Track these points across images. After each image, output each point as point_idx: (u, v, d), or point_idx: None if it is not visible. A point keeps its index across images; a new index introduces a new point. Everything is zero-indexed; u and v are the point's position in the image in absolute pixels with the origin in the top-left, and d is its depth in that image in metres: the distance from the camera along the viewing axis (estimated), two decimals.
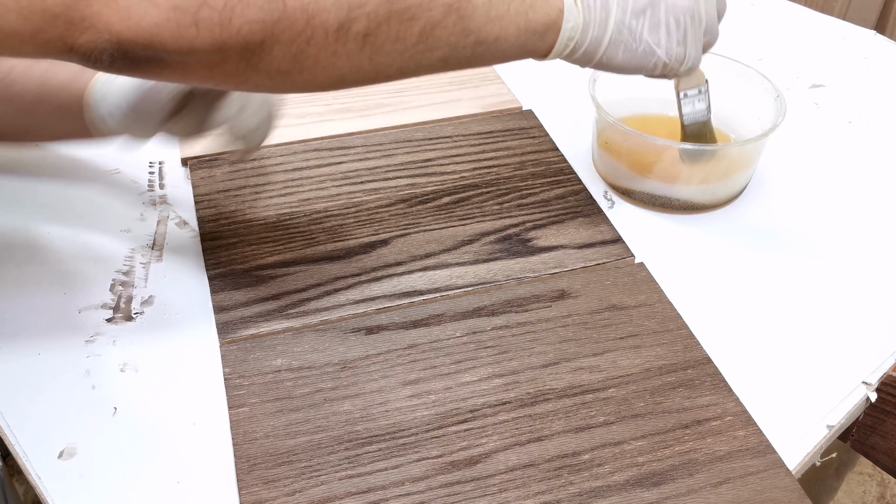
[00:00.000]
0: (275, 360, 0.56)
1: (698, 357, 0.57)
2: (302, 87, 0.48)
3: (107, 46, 0.41)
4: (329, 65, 0.46)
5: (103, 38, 0.41)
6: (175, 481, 0.50)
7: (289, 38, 0.44)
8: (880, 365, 0.58)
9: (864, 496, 1.31)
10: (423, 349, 0.57)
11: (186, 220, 0.69)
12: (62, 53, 0.42)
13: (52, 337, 0.58)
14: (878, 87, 0.88)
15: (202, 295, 0.61)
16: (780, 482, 0.49)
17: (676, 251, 0.67)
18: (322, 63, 0.46)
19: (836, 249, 0.67)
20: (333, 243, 0.65)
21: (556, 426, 0.52)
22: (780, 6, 1.03)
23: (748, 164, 0.70)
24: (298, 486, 0.49)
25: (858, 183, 0.74)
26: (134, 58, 0.43)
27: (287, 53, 0.45)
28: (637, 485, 0.49)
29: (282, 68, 0.45)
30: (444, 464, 0.50)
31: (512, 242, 0.66)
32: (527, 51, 0.55)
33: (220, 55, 0.43)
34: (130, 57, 0.42)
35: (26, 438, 0.52)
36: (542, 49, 0.55)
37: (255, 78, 0.46)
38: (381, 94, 0.83)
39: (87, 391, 0.55)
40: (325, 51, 0.45)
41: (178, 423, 0.53)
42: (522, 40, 0.53)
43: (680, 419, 0.53)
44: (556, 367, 0.56)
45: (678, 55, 0.56)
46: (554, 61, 0.57)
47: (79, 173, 0.73)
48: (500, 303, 0.60)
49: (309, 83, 0.48)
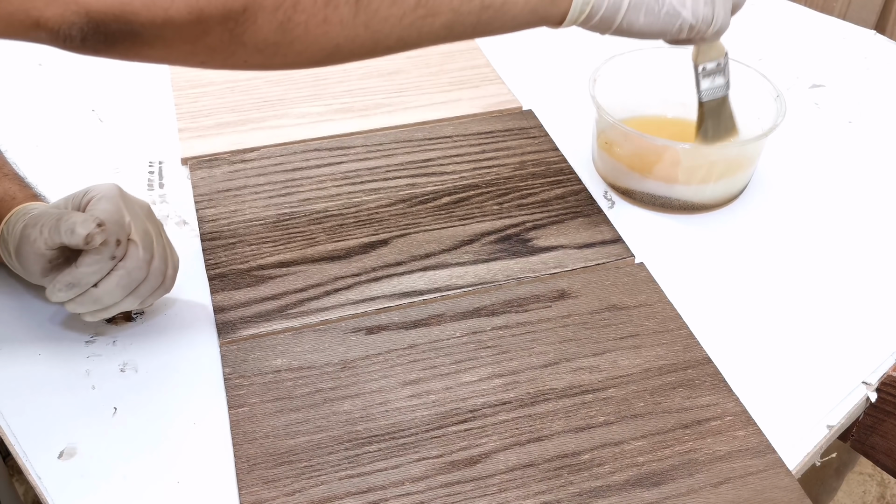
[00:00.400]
0: (275, 360, 0.56)
1: (698, 357, 0.57)
2: (294, 62, 0.45)
3: (76, 20, 0.39)
4: (321, 34, 0.43)
5: (70, 10, 0.38)
6: (175, 481, 0.50)
7: (273, 3, 0.41)
8: (880, 365, 0.58)
9: (864, 496, 1.31)
10: (423, 349, 0.57)
11: (186, 220, 0.69)
12: (31, 30, 0.39)
13: (53, 337, 0.58)
14: (878, 87, 0.88)
15: (202, 295, 0.61)
16: (780, 482, 0.49)
17: (676, 251, 0.67)
18: (313, 32, 0.43)
19: (836, 249, 0.67)
20: (333, 243, 0.65)
21: (556, 426, 0.52)
22: (780, 6, 1.03)
23: (748, 164, 0.70)
24: (298, 486, 0.49)
25: (858, 183, 0.74)
26: (107, 32, 0.40)
27: (273, 22, 0.41)
28: (637, 485, 0.49)
29: (269, 39, 0.42)
30: (444, 464, 0.50)
31: (512, 242, 0.66)
32: (539, 17, 0.50)
33: (200, 26, 0.40)
34: (103, 31, 0.40)
35: (26, 438, 0.52)
36: (555, 15, 0.51)
37: (242, 52, 0.42)
38: (381, 94, 0.83)
39: (87, 391, 0.55)
40: (315, 17, 0.42)
41: (178, 423, 0.53)
42: (534, 4, 0.49)
43: (680, 419, 0.53)
44: (556, 367, 0.56)
45: (705, 16, 0.52)
46: (569, 30, 0.53)
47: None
48: (500, 303, 0.60)
49: (301, 56, 0.44)
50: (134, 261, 0.53)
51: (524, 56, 0.91)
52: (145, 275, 0.54)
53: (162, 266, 0.55)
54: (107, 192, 0.54)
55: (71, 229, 0.50)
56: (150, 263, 0.54)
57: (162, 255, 0.56)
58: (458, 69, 0.87)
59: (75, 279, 0.52)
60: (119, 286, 0.53)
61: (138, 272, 0.53)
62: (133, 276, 0.53)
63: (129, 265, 0.53)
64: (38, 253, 0.52)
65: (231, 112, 0.80)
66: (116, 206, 0.53)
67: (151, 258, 0.54)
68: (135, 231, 0.54)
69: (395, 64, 0.88)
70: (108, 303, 0.53)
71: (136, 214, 0.55)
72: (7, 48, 0.93)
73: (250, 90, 0.83)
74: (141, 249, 0.53)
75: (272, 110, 0.80)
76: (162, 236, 0.57)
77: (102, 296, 0.53)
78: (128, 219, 0.53)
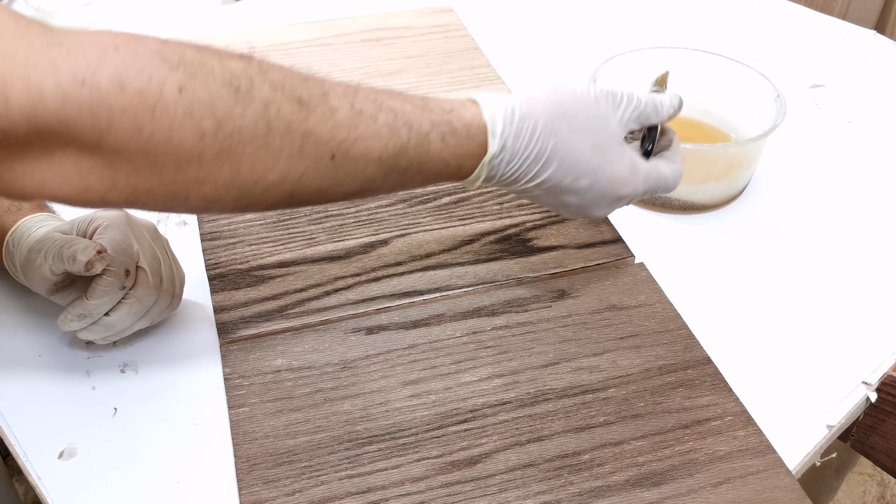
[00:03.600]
0: (275, 360, 0.56)
1: (698, 357, 0.57)
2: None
3: None
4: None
5: None
6: (175, 481, 0.50)
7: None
8: (880, 365, 0.58)
9: (864, 496, 1.31)
10: (423, 349, 0.57)
11: (186, 221, 0.69)
12: None
13: (53, 338, 0.58)
14: (878, 87, 0.88)
15: (202, 295, 0.61)
16: (780, 482, 0.49)
17: (676, 251, 0.67)
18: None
19: (836, 249, 0.67)
20: (333, 243, 0.65)
21: (556, 426, 0.52)
22: (780, 6, 1.03)
23: (748, 164, 0.70)
24: (298, 486, 0.49)
25: (858, 183, 0.74)
26: None
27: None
28: (637, 485, 0.49)
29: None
30: (444, 464, 0.50)
31: (512, 242, 0.66)
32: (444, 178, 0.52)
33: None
34: None
35: (26, 438, 0.52)
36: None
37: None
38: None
39: (87, 392, 0.55)
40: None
41: (178, 423, 0.53)
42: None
43: (680, 419, 0.53)
44: (556, 367, 0.56)
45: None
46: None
47: None
48: (500, 303, 0.60)
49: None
50: (144, 288, 0.54)
51: (524, 56, 0.91)
52: (155, 299, 0.55)
53: (170, 287, 0.56)
54: (113, 220, 0.54)
55: (73, 257, 0.51)
56: (160, 287, 0.55)
57: (170, 277, 0.56)
58: (458, 69, 0.87)
59: (87, 310, 0.52)
60: (130, 314, 0.54)
61: (148, 298, 0.54)
62: (144, 302, 0.54)
63: (139, 293, 0.54)
64: (43, 277, 0.53)
65: None
66: (124, 235, 0.54)
67: (161, 281, 0.55)
68: (143, 258, 0.54)
69: (395, 64, 0.88)
70: (120, 328, 0.54)
71: (143, 239, 0.55)
72: None
73: None
74: (150, 276, 0.54)
75: None
76: (168, 254, 0.57)
77: (114, 323, 0.54)
78: (136, 246, 0.54)
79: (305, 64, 0.86)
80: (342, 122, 0.44)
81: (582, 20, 0.99)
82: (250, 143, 0.41)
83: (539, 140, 0.50)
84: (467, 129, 0.49)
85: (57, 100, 0.36)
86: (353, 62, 0.88)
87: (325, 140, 0.44)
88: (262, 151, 0.42)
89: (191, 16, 0.99)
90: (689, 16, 1.00)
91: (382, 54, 0.89)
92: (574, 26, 0.98)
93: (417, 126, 0.47)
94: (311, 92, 0.44)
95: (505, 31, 0.96)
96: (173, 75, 0.39)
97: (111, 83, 0.37)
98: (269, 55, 0.45)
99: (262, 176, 0.43)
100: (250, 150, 0.42)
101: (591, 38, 0.95)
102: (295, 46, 0.90)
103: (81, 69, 0.37)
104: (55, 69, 0.36)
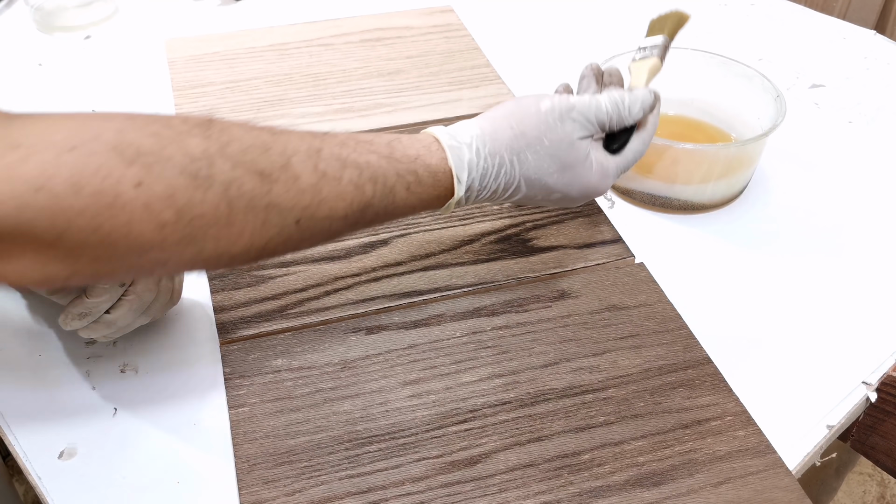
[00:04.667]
0: (275, 360, 0.56)
1: (698, 357, 0.57)
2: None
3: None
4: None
5: None
6: (175, 481, 0.50)
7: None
8: (880, 365, 0.58)
9: (864, 496, 1.31)
10: (423, 349, 0.57)
11: None
12: None
13: (53, 338, 0.58)
14: (878, 87, 0.88)
15: (202, 295, 0.61)
16: (780, 482, 0.49)
17: (676, 251, 0.67)
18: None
19: (836, 249, 0.67)
20: (333, 243, 0.65)
21: (556, 426, 0.52)
22: (780, 6, 1.03)
23: (748, 164, 0.70)
24: (298, 486, 0.49)
25: (858, 183, 0.74)
26: None
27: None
28: (637, 485, 0.49)
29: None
30: (444, 464, 0.50)
31: (512, 242, 0.66)
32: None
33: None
34: None
35: (26, 438, 0.52)
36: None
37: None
38: (381, 94, 0.83)
39: (87, 392, 0.55)
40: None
41: (178, 423, 0.53)
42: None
43: (680, 419, 0.53)
44: (556, 367, 0.56)
45: None
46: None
47: None
48: (500, 303, 0.60)
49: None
50: (143, 284, 0.54)
51: (524, 56, 0.91)
52: (155, 294, 0.55)
53: (169, 283, 0.56)
54: None
55: None
56: (159, 283, 0.55)
57: None
58: (458, 69, 0.87)
59: (87, 309, 0.52)
60: (131, 311, 0.54)
61: (148, 294, 0.54)
62: (143, 298, 0.54)
63: (139, 289, 0.53)
64: None
65: (231, 112, 0.80)
66: None
67: (160, 278, 0.55)
68: None
69: (395, 64, 0.88)
70: (121, 325, 0.54)
71: None
72: (7, 48, 0.93)
73: (250, 90, 0.83)
74: None
75: (272, 110, 0.80)
76: None
77: (115, 320, 0.53)
78: None
79: (305, 64, 0.86)
80: (306, 188, 0.45)
81: (582, 20, 0.99)
82: (213, 226, 0.42)
83: (505, 174, 0.53)
84: (433, 177, 0.51)
85: (13, 207, 0.37)
86: (353, 62, 0.88)
87: (288, 208, 0.44)
88: (225, 230, 0.43)
89: (191, 16, 0.99)
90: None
91: (382, 54, 0.90)
92: (574, 26, 0.98)
93: (383, 180, 0.48)
94: (273, 162, 0.44)
95: (505, 31, 0.96)
96: (130, 171, 0.39)
97: (67, 187, 0.37)
98: (268, 55, 0.44)
99: (227, 250, 0.43)
100: (213, 231, 0.42)
101: (590, 38, 0.95)
102: (295, 46, 0.90)
103: (36, 176, 0.37)
104: (10, 177, 0.37)
